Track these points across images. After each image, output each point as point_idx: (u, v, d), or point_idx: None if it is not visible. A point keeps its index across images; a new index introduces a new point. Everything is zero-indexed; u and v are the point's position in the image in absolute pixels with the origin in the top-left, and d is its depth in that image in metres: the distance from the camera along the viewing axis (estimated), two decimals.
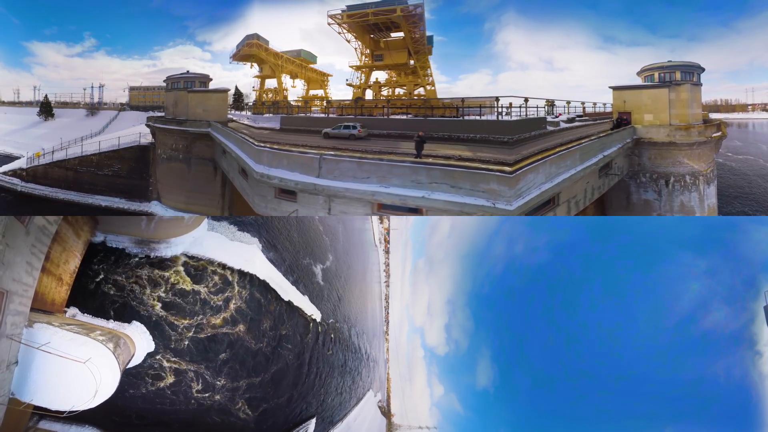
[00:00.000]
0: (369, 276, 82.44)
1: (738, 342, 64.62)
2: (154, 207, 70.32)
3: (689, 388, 69.28)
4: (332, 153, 31.11)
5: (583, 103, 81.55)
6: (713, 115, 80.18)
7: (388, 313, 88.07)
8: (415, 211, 26.31)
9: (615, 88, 59.55)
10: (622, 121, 56.82)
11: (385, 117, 61.98)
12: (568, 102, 76.03)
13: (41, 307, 26.17)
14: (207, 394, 39.21)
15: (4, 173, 74.88)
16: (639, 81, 61.11)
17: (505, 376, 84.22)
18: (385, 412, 79.59)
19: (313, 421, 50.78)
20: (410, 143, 38.34)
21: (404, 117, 62.09)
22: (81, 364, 21.85)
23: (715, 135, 57.42)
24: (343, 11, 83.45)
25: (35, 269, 22.21)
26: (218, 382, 39.50)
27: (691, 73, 58.14)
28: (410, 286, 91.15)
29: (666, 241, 71.02)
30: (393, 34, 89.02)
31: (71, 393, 22.01)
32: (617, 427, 74.61)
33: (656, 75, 58.90)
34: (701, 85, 59.40)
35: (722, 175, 78.80)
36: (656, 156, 55.04)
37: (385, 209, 27.20)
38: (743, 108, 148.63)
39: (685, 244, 70.09)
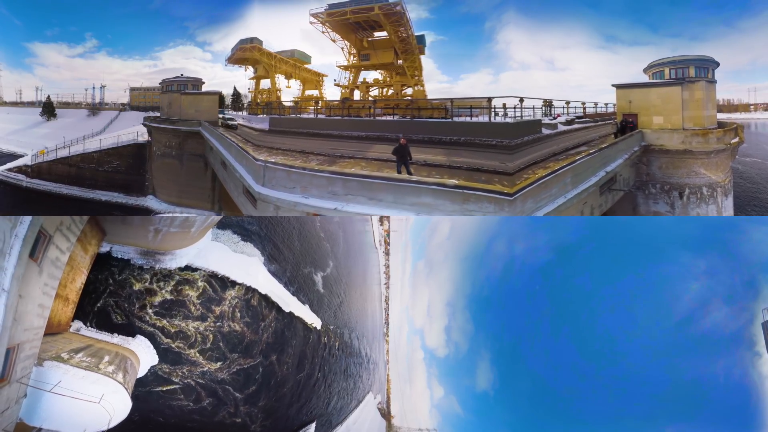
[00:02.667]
0: (369, 278, 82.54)
1: (737, 342, 64.59)
2: (150, 201, 74.29)
3: (689, 388, 69.30)
4: (273, 161, 30.15)
5: (583, 103, 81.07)
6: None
7: (388, 314, 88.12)
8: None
9: (619, 86, 53.68)
10: (627, 124, 51.03)
11: (372, 118, 61.98)
12: (568, 102, 75.43)
13: (48, 331, 25.90)
14: (207, 407, 39.30)
15: (10, 170, 77.81)
16: (646, 79, 55.04)
17: (504, 378, 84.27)
18: (385, 413, 79.67)
19: (313, 425, 50.93)
20: (384, 146, 38.45)
21: (390, 118, 61.80)
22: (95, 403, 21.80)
23: (733, 141, 51.74)
24: (325, 10, 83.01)
25: (46, 309, 22.05)
26: (219, 394, 39.58)
27: (706, 68, 51.89)
28: (410, 288, 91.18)
29: (665, 241, 70.78)
30: (378, 34, 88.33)
31: (84, 422, 21.91)
32: (617, 427, 74.71)
33: (667, 71, 52.64)
34: (715, 81, 53.17)
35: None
36: (668, 165, 49.59)
37: (319, 214, 26.17)
38: (746, 108, 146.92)
39: (684, 244, 69.85)
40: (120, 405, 23.64)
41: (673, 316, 71.26)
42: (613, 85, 54.39)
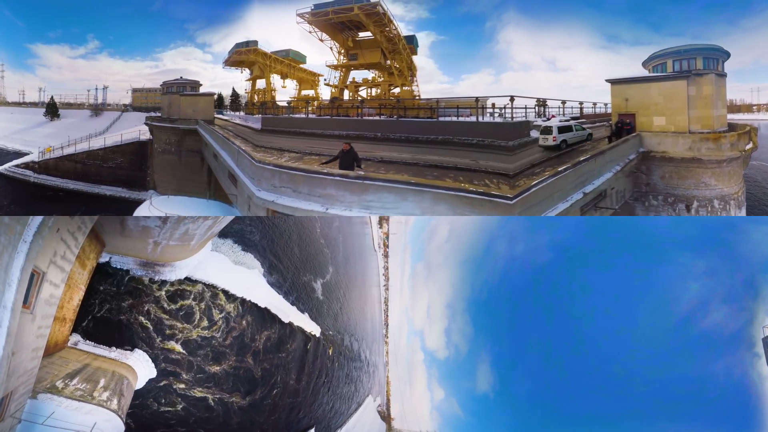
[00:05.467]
0: (368, 281, 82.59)
1: (737, 342, 64.68)
2: (151, 195, 74.63)
3: (688, 388, 69.33)
4: (245, 149, 31.53)
5: (581, 103, 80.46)
6: None
7: (387, 316, 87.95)
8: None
9: (614, 82, 46.34)
10: (623, 126, 42.95)
11: (360, 117, 62.51)
12: (564, 102, 74.65)
13: (45, 353, 25.62)
14: (207, 416, 39.14)
15: (17, 166, 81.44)
16: (646, 74, 47.52)
17: (504, 380, 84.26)
18: (385, 416, 79.54)
19: (312, 431, 50.95)
20: (362, 144, 37.79)
21: (377, 118, 62.02)
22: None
23: (747, 147, 44.53)
24: (311, 10, 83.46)
25: (41, 349, 21.87)
26: (218, 404, 39.45)
27: (716, 59, 44.21)
28: (409, 290, 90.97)
29: (665, 241, 70.68)
30: (364, 34, 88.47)
31: None
32: (617, 427, 74.79)
33: (670, 63, 45.34)
34: (726, 75, 45.86)
35: None
36: (672, 175, 42.43)
37: (278, 213, 26.22)
38: (748, 108, 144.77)
39: (684, 244, 69.76)
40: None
41: (673, 316, 71.29)
42: (607, 80, 47.46)
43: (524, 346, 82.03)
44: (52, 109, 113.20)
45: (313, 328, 49.48)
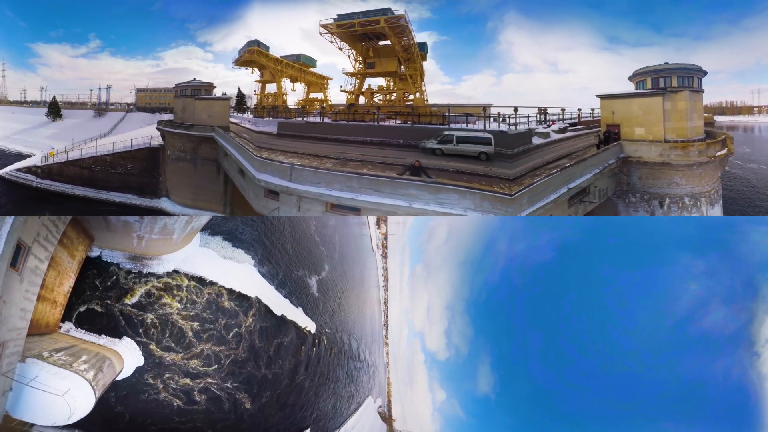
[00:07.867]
0: (367, 281, 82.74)
1: (736, 342, 64.70)
2: (164, 203, 76.22)
3: (688, 388, 69.46)
4: (299, 163, 37.71)
5: (579, 110, 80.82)
6: (717, 118, 76.64)
7: (387, 317, 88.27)
8: (356, 210, 33.28)
9: (603, 97, 52.17)
10: (610, 135, 49.92)
11: (376, 123, 63.39)
12: (563, 109, 75.10)
13: (35, 332, 27.05)
14: (193, 409, 39.85)
15: (19, 170, 79.22)
16: (632, 87, 53.29)
17: (505, 381, 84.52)
18: (386, 417, 79.80)
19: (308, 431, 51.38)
20: (388, 150, 42.87)
21: (393, 123, 63.01)
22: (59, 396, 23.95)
23: (719, 153, 49.36)
24: (334, 20, 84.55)
25: (28, 312, 24.24)
26: (206, 397, 40.12)
27: (690, 77, 49.74)
28: (409, 291, 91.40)
29: (665, 241, 70.96)
30: (382, 43, 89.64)
31: (52, 415, 24.45)
32: (617, 427, 74.87)
33: (648, 81, 50.97)
34: (702, 91, 51.55)
35: (731, 186, 75.87)
36: (648, 176, 48.26)
37: (336, 209, 34.05)
38: (749, 110, 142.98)
39: (683, 244, 70.03)
40: (83, 400, 25.50)
41: (673, 317, 71.43)
42: (597, 96, 53.42)
43: (524, 347, 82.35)
44: (54, 109, 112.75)
45: (308, 324, 49.91)
